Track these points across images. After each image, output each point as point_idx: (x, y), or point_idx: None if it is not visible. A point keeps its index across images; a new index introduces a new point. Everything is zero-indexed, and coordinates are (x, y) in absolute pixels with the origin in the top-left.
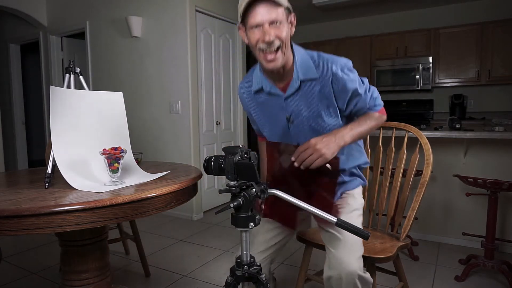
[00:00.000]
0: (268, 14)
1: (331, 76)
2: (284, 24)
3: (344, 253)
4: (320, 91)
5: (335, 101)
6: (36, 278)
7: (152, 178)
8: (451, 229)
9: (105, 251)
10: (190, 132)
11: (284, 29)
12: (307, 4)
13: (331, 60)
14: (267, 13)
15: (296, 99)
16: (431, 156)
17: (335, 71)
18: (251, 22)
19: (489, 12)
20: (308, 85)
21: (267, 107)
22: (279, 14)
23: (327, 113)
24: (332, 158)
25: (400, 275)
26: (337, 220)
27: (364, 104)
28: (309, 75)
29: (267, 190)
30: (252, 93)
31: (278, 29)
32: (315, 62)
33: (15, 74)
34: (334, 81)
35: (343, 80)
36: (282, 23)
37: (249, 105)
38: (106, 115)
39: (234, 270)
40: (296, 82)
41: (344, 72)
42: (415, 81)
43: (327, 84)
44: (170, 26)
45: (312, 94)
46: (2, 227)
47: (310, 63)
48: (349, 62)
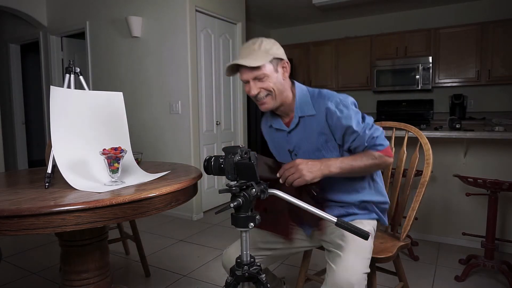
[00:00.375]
0: (251, 73)
1: (326, 112)
2: (270, 76)
3: (346, 271)
4: (318, 127)
5: (333, 136)
6: (36, 278)
7: (152, 178)
8: (451, 229)
9: (105, 251)
10: (190, 132)
11: (270, 80)
12: (307, 4)
13: (328, 96)
14: (250, 72)
15: (297, 133)
16: (431, 156)
17: (328, 106)
18: (240, 79)
19: (489, 12)
20: (307, 121)
21: (277, 140)
22: (262, 70)
23: (326, 147)
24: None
25: (400, 275)
26: (337, 220)
27: (361, 142)
28: (307, 112)
29: (267, 190)
30: (266, 129)
31: (263, 82)
32: (313, 99)
33: (15, 74)
34: (328, 117)
35: (336, 115)
36: (267, 76)
37: (267, 138)
38: (106, 115)
39: (234, 270)
40: (296, 118)
41: (338, 108)
42: (415, 81)
43: (323, 120)
44: (170, 26)
45: (311, 130)
46: (2, 227)
47: (309, 100)
48: (348, 98)
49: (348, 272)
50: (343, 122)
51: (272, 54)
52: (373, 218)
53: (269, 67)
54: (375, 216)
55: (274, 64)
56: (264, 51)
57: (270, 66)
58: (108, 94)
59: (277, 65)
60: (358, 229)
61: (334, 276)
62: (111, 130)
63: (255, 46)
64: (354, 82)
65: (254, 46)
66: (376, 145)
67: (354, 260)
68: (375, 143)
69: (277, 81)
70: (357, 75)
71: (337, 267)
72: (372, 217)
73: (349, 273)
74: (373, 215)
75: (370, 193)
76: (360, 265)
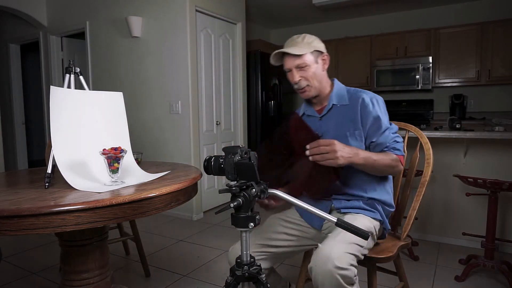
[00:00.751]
0: (293, 62)
1: (360, 101)
2: (310, 66)
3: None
4: (349, 115)
5: (361, 125)
6: (36, 278)
7: (152, 178)
8: (451, 229)
9: (105, 251)
10: (190, 132)
11: (310, 70)
12: (307, 4)
13: (363, 91)
14: (293, 60)
15: (328, 119)
16: (431, 155)
17: (364, 97)
18: (284, 67)
19: (489, 12)
20: (340, 109)
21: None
22: (304, 59)
23: (353, 135)
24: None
25: (400, 275)
26: (337, 220)
27: (385, 141)
28: (342, 102)
29: (267, 190)
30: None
31: (304, 71)
32: (350, 93)
33: (15, 74)
34: (362, 106)
35: (369, 106)
36: (308, 65)
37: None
38: (106, 115)
39: (234, 270)
40: (329, 105)
41: (371, 101)
42: (415, 81)
43: (356, 108)
44: (170, 26)
45: (342, 117)
46: (2, 227)
47: (345, 93)
48: (381, 98)
49: (330, 247)
50: (373, 114)
51: (313, 46)
52: (377, 218)
53: (310, 57)
54: (379, 217)
55: (314, 55)
56: (306, 43)
57: (311, 57)
58: (108, 94)
59: (317, 57)
60: (358, 229)
61: (317, 251)
62: (111, 130)
63: (298, 39)
64: (354, 82)
65: (298, 39)
66: (396, 149)
67: (340, 240)
68: (396, 147)
69: (316, 71)
70: (357, 75)
71: (322, 245)
72: (376, 217)
73: (330, 248)
74: (377, 215)
75: (380, 193)
76: (345, 246)
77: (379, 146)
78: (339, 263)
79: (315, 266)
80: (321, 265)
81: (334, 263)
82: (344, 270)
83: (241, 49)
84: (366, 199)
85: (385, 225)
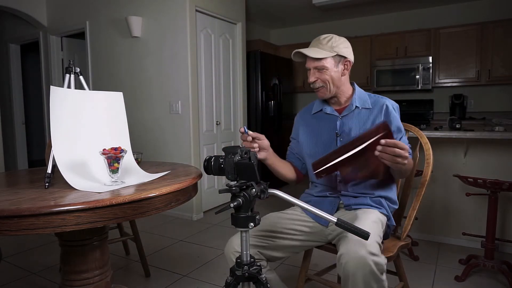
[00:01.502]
0: (312, 63)
1: (384, 107)
2: (329, 69)
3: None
4: (371, 118)
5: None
6: (36, 278)
7: (152, 178)
8: (451, 229)
9: (105, 251)
10: (190, 132)
11: (327, 74)
12: (307, 4)
13: (385, 98)
14: (312, 61)
15: (349, 120)
16: (431, 155)
17: (387, 103)
18: (305, 65)
19: (489, 12)
20: (362, 112)
21: (317, 127)
22: (323, 63)
23: None
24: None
25: (400, 275)
26: (337, 220)
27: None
28: (365, 105)
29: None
30: (307, 116)
31: (321, 74)
32: (371, 98)
33: (15, 74)
34: (386, 112)
35: (392, 112)
36: (326, 69)
37: (300, 126)
38: (106, 115)
39: (234, 270)
40: (353, 106)
41: (393, 108)
42: (415, 81)
43: (379, 113)
44: (170, 26)
45: (364, 120)
46: (2, 227)
47: (367, 97)
48: (398, 106)
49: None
50: (394, 122)
51: (336, 51)
52: (384, 213)
53: (331, 61)
54: (385, 212)
55: (336, 60)
56: (329, 46)
57: (331, 61)
58: (108, 94)
59: (339, 62)
60: (358, 228)
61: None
62: (111, 130)
63: (323, 41)
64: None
65: (323, 40)
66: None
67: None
68: (409, 152)
69: (334, 75)
70: (357, 75)
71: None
72: (383, 212)
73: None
74: (384, 211)
75: (387, 190)
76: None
77: None
78: (372, 249)
79: (346, 253)
80: (354, 252)
81: (367, 249)
82: (377, 256)
83: (241, 49)
84: (374, 196)
85: (390, 222)
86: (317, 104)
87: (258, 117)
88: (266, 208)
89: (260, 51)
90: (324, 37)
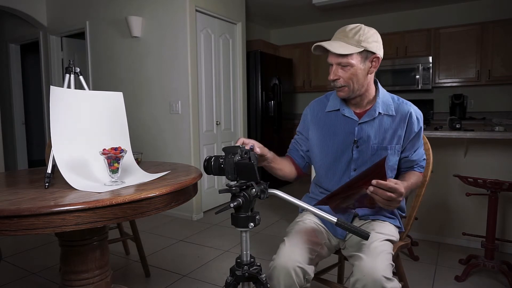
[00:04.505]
0: (336, 58)
1: (408, 116)
2: (354, 66)
3: (370, 257)
4: (394, 127)
5: (402, 140)
6: (36, 278)
7: (152, 178)
8: (451, 229)
9: (105, 251)
10: (190, 132)
11: (352, 71)
12: (307, 4)
13: (409, 104)
14: (336, 57)
15: (370, 127)
16: (431, 156)
17: (411, 111)
18: (327, 59)
19: (489, 12)
20: (384, 119)
21: (331, 128)
22: (347, 59)
23: (392, 149)
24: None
25: (400, 275)
26: (337, 220)
27: (418, 158)
28: (388, 111)
29: (267, 190)
30: (320, 113)
31: (344, 71)
32: (395, 102)
33: (15, 74)
34: (409, 122)
35: (415, 122)
36: (351, 66)
37: (311, 123)
38: (106, 115)
39: (234, 270)
40: (375, 112)
41: (417, 116)
42: (415, 81)
43: (402, 122)
44: (170, 26)
45: (386, 128)
46: (2, 227)
47: (391, 102)
48: (421, 113)
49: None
50: (416, 131)
51: (364, 46)
52: (397, 225)
53: (357, 57)
54: (398, 224)
55: (363, 55)
56: (356, 40)
57: (357, 57)
58: (108, 94)
59: (367, 58)
60: (358, 229)
61: (359, 264)
62: (111, 130)
63: (350, 33)
64: None
65: (350, 32)
66: (422, 166)
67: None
68: (422, 165)
69: (359, 73)
70: None
71: (365, 256)
72: (397, 224)
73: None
74: (397, 222)
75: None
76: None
77: (410, 162)
78: (386, 274)
79: (363, 277)
80: (370, 275)
81: (382, 274)
82: (391, 281)
83: (241, 49)
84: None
85: (401, 229)
86: (333, 101)
87: (258, 117)
88: (266, 208)
89: (260, 51)
90: (351, 28)
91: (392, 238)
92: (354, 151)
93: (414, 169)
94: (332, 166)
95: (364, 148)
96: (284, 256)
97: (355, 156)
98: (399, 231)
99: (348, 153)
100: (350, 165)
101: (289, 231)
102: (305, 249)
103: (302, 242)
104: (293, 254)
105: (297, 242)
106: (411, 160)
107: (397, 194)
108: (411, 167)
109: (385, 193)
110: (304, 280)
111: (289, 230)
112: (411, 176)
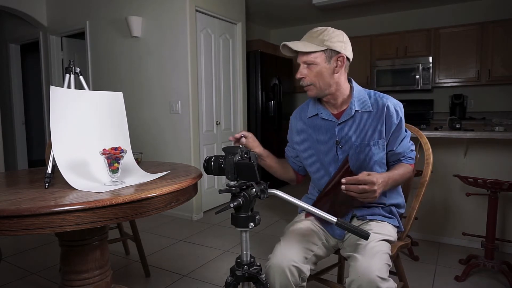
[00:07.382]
0: (302, 57)
1: (385, 109)
2: (319, 65)
3: (366, 258)
4: (373, 123)
5: (385, 134)
6: (36, 278)
7: (152, 178)
8: (451, 229)
9: (105, 251)
10: (190, 132)
11: (316, 69)
12: (307, 4)
13: (386, 97)
14: (301, 55)
15: (349, 126)
16: (431, 156)
17: (388, 104)
18: (297, 60)
19: (489, 12)
20: (362, 116)
21: (314, 133)
22: (311, 57)
23: (376, 144)
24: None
25: (400, 275)
26: (337, 220)
27: (403, 150)
28: (365, 108)
29: (267, 190)
30: (302, 120)
31: (310, 70)
32: (371, 98)
33: (15, 74)
34: (387, 115)
35: (394, 114)
36: (316, 64)
37: (295, 131)
38: (106, 115)
39: (234, 270)
40: (352, 111)
41: (395, 109)
42: (415, 81)
43: (381, 116)
44: (170, 26)
45: (365, 125)
46: (2, 227)
47: (367, 98)
48: (401, 105)
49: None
50: (396, 123)
51: (327, 45)
52: (395, 225)
53: (321, 56)
54: (396, 224)
55: (327, 54)
56: (320, 40)
57: (322, 56)
58: (108, 94)
59: (331, 57)
60: (358, 228)
61: (355, 264)
62: (111, 130)
63: (315, 33)
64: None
65: (315, 33)
66: (410, 158)
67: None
68: (410, 156)
69: (324, 72)
70: (357, 75)
71: (360, 256)
72: (395, 224)
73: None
74: (395, 221)
75: (396, 197)
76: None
77: (396, 155)
78: (381, 274)
79: (358, 278)
80: (365, 276)
81: (377, 274)
82: (386, 281)
83: (241, 49)
84: (385, 206)
85: (400, 229)
86: (311, 107)
87: (258, 117)
88: (266, 208)
89: (260, 51)
90: (317, 30)
91: (389, 238)
92: (338, 151)
93: (402, 161)
94: (321, 169)
95: (347, 148)
96: (279, 255)
97: (341, 156)
98: (398, 230)
99: (333, 155)
100: (337, 165)
101: (285, 231)
102: (300, 249)
103: (298, 242)
104: (288, 254)
105: (293, 242)
106: (397, 153)
107: (370, 185)
108: (399, 160)
109: (357, 186)
110: (299, 279)
111: (286, 230)
112: (396, 167)
